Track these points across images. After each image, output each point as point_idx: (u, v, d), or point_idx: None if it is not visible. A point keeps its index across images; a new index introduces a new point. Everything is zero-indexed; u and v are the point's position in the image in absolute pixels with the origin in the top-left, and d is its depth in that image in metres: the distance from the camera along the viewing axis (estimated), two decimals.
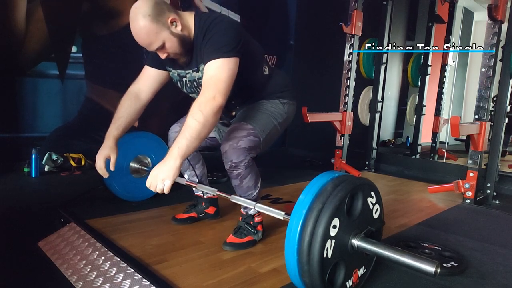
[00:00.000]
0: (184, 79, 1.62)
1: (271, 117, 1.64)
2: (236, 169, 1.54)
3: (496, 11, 2.48)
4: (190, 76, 1.59)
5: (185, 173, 1.95)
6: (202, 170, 1.96)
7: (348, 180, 1.18)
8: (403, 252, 1.11)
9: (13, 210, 2.11)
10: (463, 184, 2.65)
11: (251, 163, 1.57)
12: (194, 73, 1.56)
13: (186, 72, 1.59)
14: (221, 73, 1.36)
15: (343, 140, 3.55)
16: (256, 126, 1.57)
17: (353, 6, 3.39)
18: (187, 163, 1.89)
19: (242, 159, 1.52)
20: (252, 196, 1.64)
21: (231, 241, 1.66)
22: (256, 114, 1.62)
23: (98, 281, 1.30)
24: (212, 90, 1.34)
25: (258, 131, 1.57)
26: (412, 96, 4.85)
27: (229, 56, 1.38)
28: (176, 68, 1.62)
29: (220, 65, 1.37)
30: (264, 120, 1.61)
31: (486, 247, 1.84)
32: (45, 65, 3.15)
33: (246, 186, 1.61)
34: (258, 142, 1.56)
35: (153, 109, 3.86)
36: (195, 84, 1.59)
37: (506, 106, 2.74)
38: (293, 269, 1.11)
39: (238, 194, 1.65)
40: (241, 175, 1.56)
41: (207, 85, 1.36)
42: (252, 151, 1.55)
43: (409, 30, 4.73)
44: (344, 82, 3.56)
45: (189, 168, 1.91)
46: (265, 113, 1.63)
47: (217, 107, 1.33)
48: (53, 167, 3.03)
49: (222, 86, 1.35)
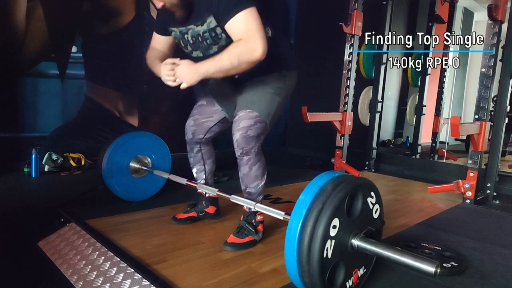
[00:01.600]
0: (186, 36, 1.60)
1: (274, 95, 1.67)
2: (247, 155, 1.63)
3: (496, 11, 2.48)
4: (192, 31, 1.56)
5: (195, 166, 1.97)
6: (211, 167, 1.99)
7: (348, 180, 1.18)
8: (403, 252, 1.11)
9: (13, 210, 2.11)
10: (463, 184, 2.65)
11: (260, 150, 1.66)
12: (198, 27, 1.53)
13: (188, 28, 1.57)
14: (251, 24, 1.41)
15: (343, 140, 3.55)
16: (262, 112, 1.62)
17: (353, 6, 3.38)
18: (200, 156, 1.93)
19: (253, 146, 1.61)
20: (258, 188, 1.69)
21: (232, 241, 1.66)
22: (259, 98, 1.65)
23: (98, 281, 1.30)
24: (253, 43, 1.40)
25: (264, 116, 1.63)
26: (412, 96, 4.85)
27: (250, 6, 1.42)
28: (177, 26, 1.61)
29: (246, 17, 1.41)
30: (268, 102, 1.65)
31: (486, 247, 1.84)
32: (45, 64, 3.15)
33: (254, 175, 1.66)
34: (265, 126, 1.64)
35: (153, 108, 3.88)
36: (199, 39, 1.57)
37: (506, 106, 2.74)
38: (293, 269, 1.11)
39: (245, 185, 1.70)
40: (251, 161, 1.64)
41: (246, 38, 1.40)
42: (261, 136, 1.65)
43: (409, 30, 4.73)
44: (344, 82, 3.56)
45: (200, 162, 1.95)
46: (268, 93, 1.66)
47: (256, 60, 1.42)
48: (53, 167, 3.03)
49: (260, 35, 1.40)
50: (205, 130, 1.86)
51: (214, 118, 1.84)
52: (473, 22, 4.88)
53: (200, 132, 1.87)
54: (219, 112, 1.84)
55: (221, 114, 1.84)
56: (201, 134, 1.87)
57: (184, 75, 1.47)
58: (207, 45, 1.56)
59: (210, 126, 1.85)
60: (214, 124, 1.85)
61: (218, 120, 1.85)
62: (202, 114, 1.86)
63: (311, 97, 4.23)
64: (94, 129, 3.43)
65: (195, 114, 1.87)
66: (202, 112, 1.86)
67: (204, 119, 1.85)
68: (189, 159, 1.98)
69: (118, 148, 2.18)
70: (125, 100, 3.60)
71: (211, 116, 1.84)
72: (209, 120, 1.85)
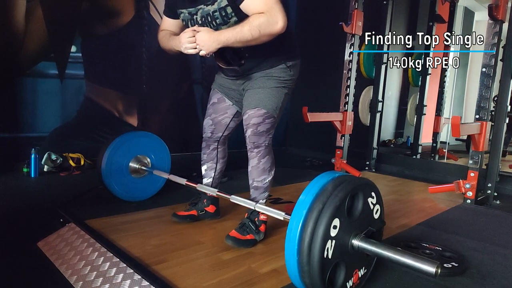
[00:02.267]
0: (195, 17, 1.61)
1: (280, 88, 1.70)
2: (258, 148, 1.70)
3: (496, 11, 2.48)
4: (202, 11, 1.57)
5: (206, 164, 1.98)
6: (222, 166, 2.01)
7: (348, 180, 1.18)
8: (404, 253, 1.10)
9: (12, 210, 2.11)
10: (463, 184, 2.64)
11: (270, 145, 1.74)
12: (208, 6, 1.54)
13: (197, 8, 1.58)
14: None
15: (343, 140, 3.55)
16: (269, 108, 1.67)
17: (353, 6, 3.38)
18: (215, 154, 1.95)
19: (264, 140, 1.70)
20: (265, 183, 1.74)
21: (233, 235, 1.67)
22: (266, 94, 1.67)
23: (98, 281, 1.30)
24: (274, 15, 1.42)
25: (272, 111, 1.68)
26: (413, 96, 4.85)
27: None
28: (186, 7, 1.62)
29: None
30: (274, 97, 1.68)
31: (486, 247, 1.83)
32: (45, 64, 3.15)
33: (262, 168, 1.72)
34: (274, 120, 1.71)
35: (153, 108, 3.88)
36: (208, 18, 1.57)
37: (506, 106, 2.73)
38: (293, 270, 1.10)
39: (252, 178, 1.74)
40: (260, 153, 1.70)
41: (267, 11, 1.42)
42: (271, 130, 1.72)
43: (410, 29, 4.72)
44: (345, 81, 3.55)
45: (213, 160, 1.96)
46: (274, 89, 1.68)
47: (277, 32, 1.45)
48: (53, 167, 3.02)
49: (279, 8, 1.43)
50: (224, 128, 1.89)
51: (228, 113, 1.87)
52: (474, 21, 4.88)
53: (219, 130, 1.90)
54: (231, 107, 1.86)
55: (233, 108, 1.87)
56: (220, 132, 1.90)
57: (204, 42, 1.49)
58: (216, 25, 1.57)
59: (227, 122, 1.88)
60: (231, 120, 1.88)
61: (232, 115, 1.88)
62: (218, 112, 1.88)
63: (311, 97, 4.23)
64: (94, 129, 3.43)
65: (211, 113, 1.89)
66: (217, 110, 1.88)
67: (220, 116, 1.88)
68: (201, 156, 1.99)
69: (118, 148, 2.18)
70: (125, 100, 3.59)
71: (225, 112, 1.87)
72: (225, 117, 1.87)
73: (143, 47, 3.66)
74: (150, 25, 3.68)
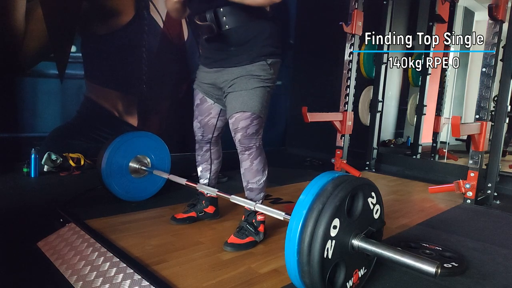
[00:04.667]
0: None
1: (263, 88, 1.69)
2: (249, 150, 1.70)
3: (496, 11, 2.47)
4: None
5: (201, 165, 1.98)
6: (217, 167, 2.01)
7: (348, 180, 1.18)
8: (404, 253, 1.10)
9: (12, 210, 2.11)
10: (463, 184, 2.64)
11: (261, 145, 1.74)
12: None
13: None
14: None
15: (343, 140, 3.55)
16: (255, 109, 1.66)
17: (353, 6, 3.38)
18: (208, 156, 1.95)
19: (254, 141, 1.70)
20: (259, 183, 1.73)
21: (232, 242, 1.66)
22: (250, 96, 1.66)
23: (98, 281, 1.30)
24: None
25: (258, 112, 1.67)
26: (413, 96, 4.84)
27: None
28: None
29: None
30: (258, 96, 1.67)
31: (486, 247, 1.83)
32: (45, 64, 3.15)
33: (255, 169, 1.71)
34: (261, 120, 1.71)
35: (153, 108, 3.88)
36: None
37: (506, 106, 2.73)
38: (293, 270, 1.10)
39: (246, 180, 1.73)
40: (252, 155, 1.70)
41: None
42: (260, 130, 1.72)
43: (410, 29, 4.72)
44: (345, 81, 3.55)
45: (207, 161, 1.97)
46: (257, 88, 1.67)
47: None
48: (52, 167, 3.02)
49: None
50: (212, 129, 1.89)
51: (213, 113, 1.86)
52: (474, 21, 4.88)
53: (208, 132, 1.90)
54: (214, 105, 1.85)
55: (216, 107, 1.85)
56: (209, 133, 1.90)
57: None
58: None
59: (214, 123, 1.88)
60: (217, 120, 1.88)
61: (217, 114, 1.87)
62: (203, 114, 1.87)
63: (311, 97, 4.24)
64: (94, 129, 3.43)
65: (197, 115, 1.90)
66: (201, 111, 1.87)
67: (206, 117, 1.87)
68: (196, 157, 1.99)
69: (118, 148, 2.18)
70: (125, 100, 3.59)
71: (210, 113, 1.86)
72: (211, 117, 1.86)
73: (143, 47, 3.65)
74: (150, 25, 3.67)
